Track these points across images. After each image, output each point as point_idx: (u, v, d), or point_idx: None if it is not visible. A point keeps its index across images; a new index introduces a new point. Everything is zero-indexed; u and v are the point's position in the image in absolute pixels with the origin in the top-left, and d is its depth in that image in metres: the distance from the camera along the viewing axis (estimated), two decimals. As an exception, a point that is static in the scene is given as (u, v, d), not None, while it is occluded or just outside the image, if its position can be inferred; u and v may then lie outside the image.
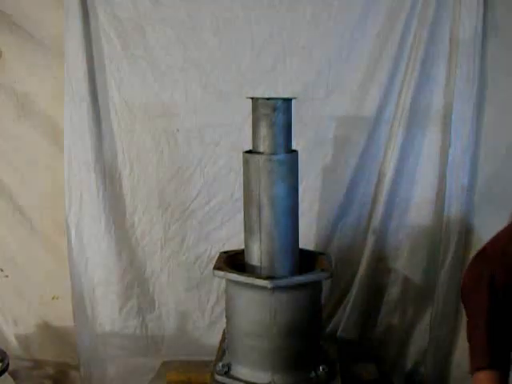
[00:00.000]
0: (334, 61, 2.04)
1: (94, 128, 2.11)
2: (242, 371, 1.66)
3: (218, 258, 1.76)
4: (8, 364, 1.91)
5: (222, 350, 1.79)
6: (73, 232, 2.16)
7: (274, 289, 1.57)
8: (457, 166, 2.03)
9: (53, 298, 2.28)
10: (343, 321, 2.17)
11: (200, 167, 2.14)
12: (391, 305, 2.20)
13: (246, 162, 1.65)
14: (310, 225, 2.13)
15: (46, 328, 2.29)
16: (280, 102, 1.62)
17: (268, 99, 1.61)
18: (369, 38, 2.02)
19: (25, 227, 2.24)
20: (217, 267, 1.67)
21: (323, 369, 1.66)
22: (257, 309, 1.61)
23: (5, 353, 1.96)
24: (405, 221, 2.15)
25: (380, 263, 2.16)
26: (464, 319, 1.44)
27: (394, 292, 2.19)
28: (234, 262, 1.73)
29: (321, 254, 1.82)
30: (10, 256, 2.28)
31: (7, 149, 2.22)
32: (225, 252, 1.82)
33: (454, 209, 2.04)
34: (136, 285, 2.21)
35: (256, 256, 1.65)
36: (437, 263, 2.10)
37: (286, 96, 1.68)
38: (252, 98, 1.64)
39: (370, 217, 2.13)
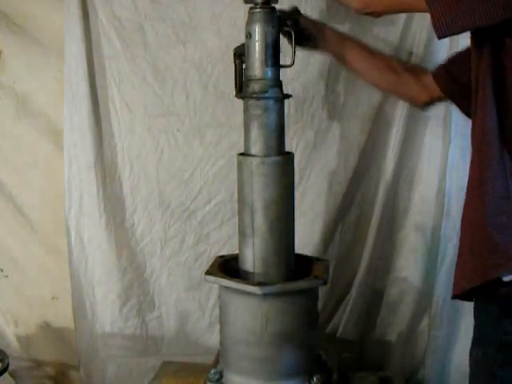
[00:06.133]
0: (334, 60, 2.04)
1: (94, 128, 2.11)
2: (233, 379, 1.62)
3: (213, 262, 1.72)
4: (8, 364, 1.91)
5: (218, 355, 1.77)
6: (73, 232, 2.16)
7: (266, 296, 1.53)
8: (457, 165, 2.02)
9: (53, 298, 2.29)
10: (343, 321, 2.16)
11: (200, 167, 2.14)
12: (391, 305, 2.19)
13: (239, 165, 1.62)
14: (309, 225, 2.13)
15: (46, 328, 2.29)
16: (271, 102, 1.57)
17: (259, 99, 1.57)
18: (368, 39, 2.01)
19: (25, 227, 2.24)
20: (208, 272, 1.64)
21: (318, 379, 1.60)
22: (248, 316, 1.57)
23: (5, 353, 1.96)
24: (405, 221, 2.15)
25: (380, 263, 2.16)
26: (463, 320, 1.46)
27: (393, 292, 2.19)
28: (229, 266, 1.69)
29: (318, 259, 1.77)
30: (10, 256, 2.28)
31: (7, 149, 2.21)
32: (221, 256, 1.78)
33: (453, 209, 2.04)
34: (136, 285, 2.21)
35: (249, 261, 1.61)
36: (436, 263, 2.10)
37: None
38: (243, 98, 1.61)
39: (370, 217, 2.13)
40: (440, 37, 1.24)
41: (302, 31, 1.68)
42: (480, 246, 1.27)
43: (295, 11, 1.72)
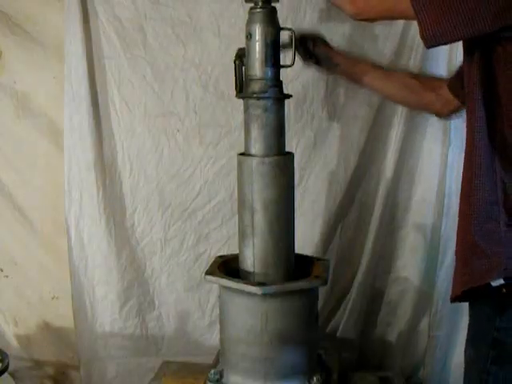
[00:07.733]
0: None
1: (94, 128, 2.11)
2: (233, 379, 1.63)
3: (213, 262, 1.73)
4: (8, 364, 1.91)
5: (218, 355, 1.77)
6: (73, 232, 2.16)
7: (266, 295, 1.53)
8: (457, 165, 2.02)
9: (53, 298, 2.29)
10: (343, 321, 2.17)
11: (200, 167, 2.14)
12: (391, 305, 2.20)
13: (239, 165, 1.62)
14: (310, 225, 2.13)
15: (46, 328, 2.29)
16: (271, 102, 1.57)
17: (259, 99, 1.57)
18: (368, 39, 2.02)
19: (25, 227, 2.23)
20: (208, 272, 1.64)
21: (317, 379, 1.60)
22: (248, 316, 1.57)
23: (5, 353, 1.96)
24: (405, 221, 2.15)
25: (380, 263, 2.17)
26: (463, 320, 1.46)
27: (393, 292, 2.19)
28: (229, 266, 1.69)
29: (318, 259, 1.78)
30: (10, 256, 2.27)
31: (7, 149, 2.21)
32: (221, 256, 1.79)
33: (453, 209, 2.03)
34: (136, 285, 2.21)
35: (249, 261, 1.61)
36: (436, 263, 2.10)
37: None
38: (243, 98, 1.61)
39: (370, 217, 2.13)
40: (428, 47, 1.25)
41: (314, 53, 1.77)
42: (469, 253, 1.28)
43: (313, 35, 1.79)
